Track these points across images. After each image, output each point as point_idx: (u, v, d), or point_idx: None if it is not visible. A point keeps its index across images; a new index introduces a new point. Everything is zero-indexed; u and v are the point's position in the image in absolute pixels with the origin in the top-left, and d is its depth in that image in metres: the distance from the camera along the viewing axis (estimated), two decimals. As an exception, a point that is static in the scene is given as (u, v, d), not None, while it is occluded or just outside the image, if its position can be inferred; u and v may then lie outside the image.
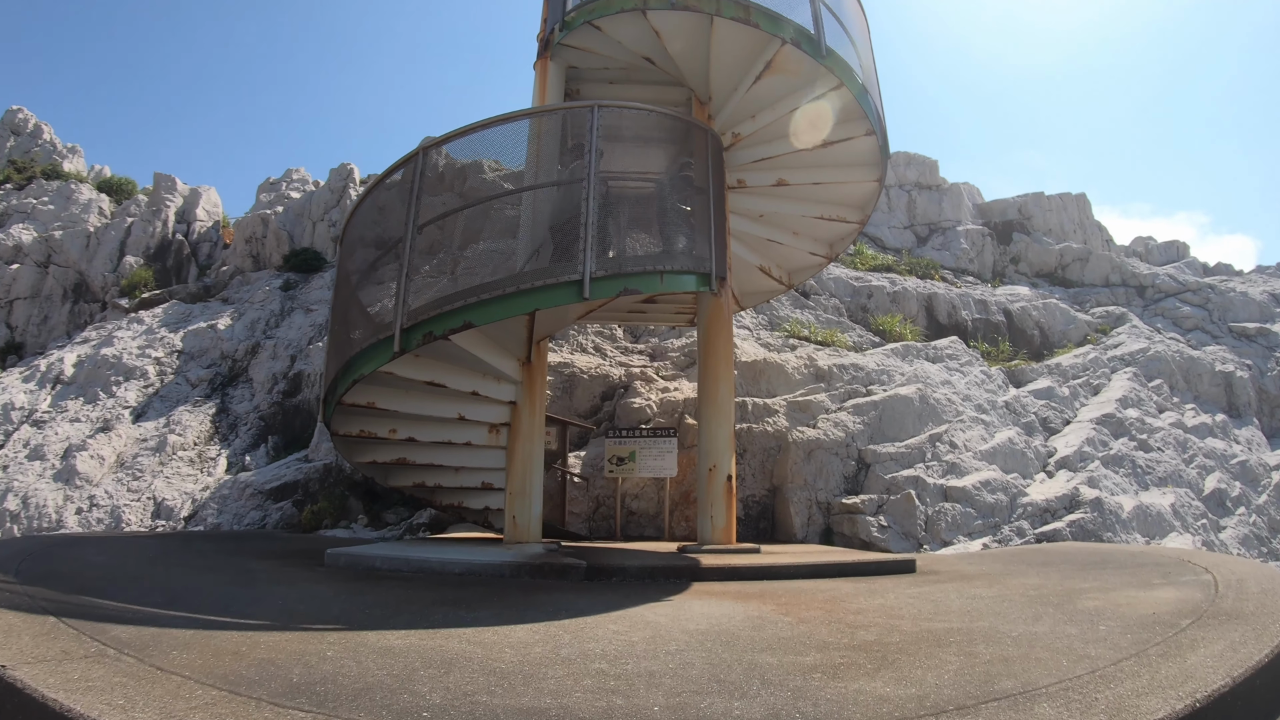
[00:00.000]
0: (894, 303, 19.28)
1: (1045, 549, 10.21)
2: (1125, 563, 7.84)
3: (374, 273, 8.44)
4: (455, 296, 7.36)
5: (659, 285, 7.67)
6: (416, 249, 7.88)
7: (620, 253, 7.92)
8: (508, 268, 7.84)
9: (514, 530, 9.00)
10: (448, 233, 9.53)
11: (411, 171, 8.14)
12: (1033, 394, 16.79)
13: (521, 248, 8.62)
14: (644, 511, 12.04)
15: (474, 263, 8.14)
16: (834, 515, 11.63)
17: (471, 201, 8.00)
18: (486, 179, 16.65)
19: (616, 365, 14.17)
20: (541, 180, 8.43)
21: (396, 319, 7.57)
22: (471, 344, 8.12)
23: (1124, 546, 10.68)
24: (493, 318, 7.24)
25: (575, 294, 7.08)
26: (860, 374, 13.98)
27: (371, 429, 9.13)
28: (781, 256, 11.49)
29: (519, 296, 7.13)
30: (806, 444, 11.93)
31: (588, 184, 7.43)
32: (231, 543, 10.41)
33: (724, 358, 9.26)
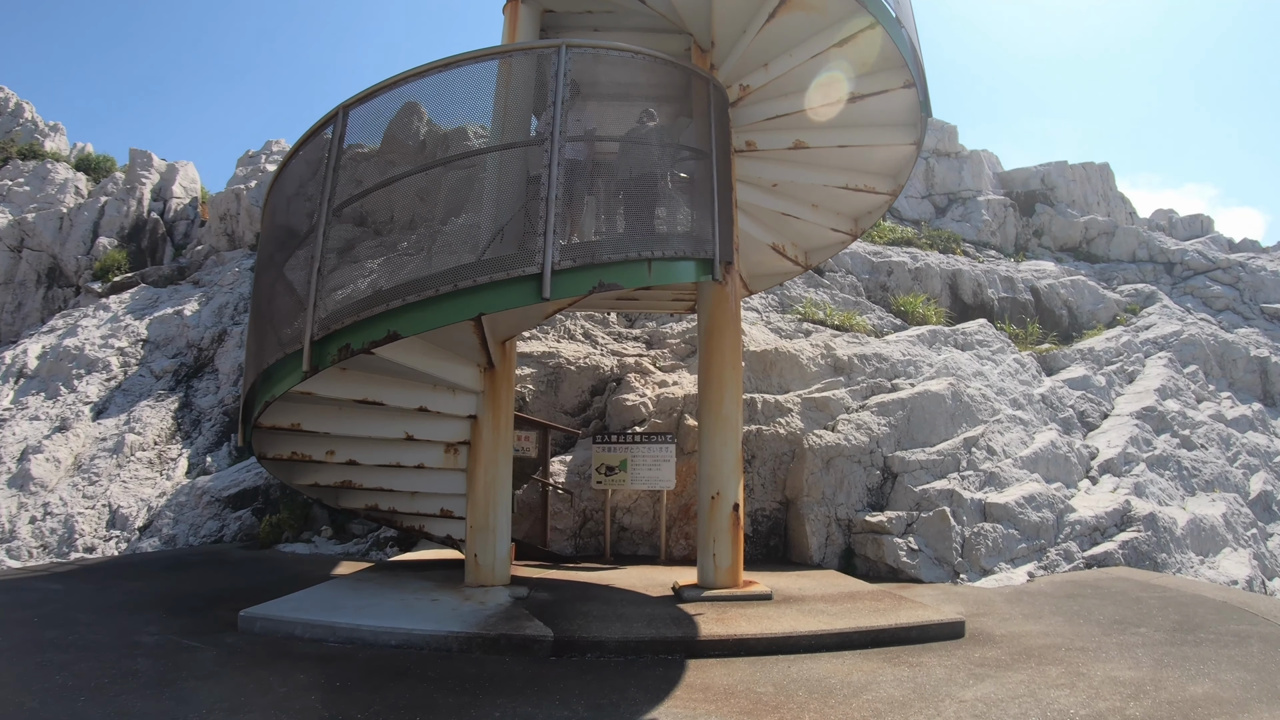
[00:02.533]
0: (916, 280, 17.27)
1: (1106, 587, 8.48)
2: (1217, 627, 6.42)
3: (297, 263, 6.56)
4: (376, 299, 5.49)
5: (645, 277, 5.76)
6: (333, 238, 6.01)
7: (596, 236, 5.95)
8: (457, 258, 5.94)
9: (476, 572, 7.21)
10: (405, 212, 7.62)
11: (328, 140, 6.24)
12: (1068, 384, 14.87)
13: (484, 231, 6.70)
14: (638, 528, 10.23)
15: (414, 251, 6.21)
16: (856, 534, 9.78)
17: (394, 175, 5.99)
18: (472, 147, 14.66)
19: (608, 355, 12.29)
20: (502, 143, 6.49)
21: (306, 330, 5.73)
22: (409, 355, 6.27)
23: (1198, 588, 8.98)
24: (424, 326, 5.38)
25: (532, 293, 5.19)
26: (884, 365, 12.06)
27: (305, 451, 7.35)
28: (798, 233, 9.53)
29: (456, 299, 5.25)
30: (825, 450, 10.06)
31: (550, 146, 5.50)
32: (155, 582, 8.66)
33: (730, 359, 7.37)
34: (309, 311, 5.78)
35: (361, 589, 7.39)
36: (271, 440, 7.36)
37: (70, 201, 21.55)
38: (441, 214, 6.67)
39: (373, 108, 6.34)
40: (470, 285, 5.21)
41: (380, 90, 6.14)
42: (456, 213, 6.70)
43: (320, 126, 6.43)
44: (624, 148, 6.40)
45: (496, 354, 7.17)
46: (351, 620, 6.10)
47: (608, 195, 6.09)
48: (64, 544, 12.77)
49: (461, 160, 5.92)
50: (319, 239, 5.95)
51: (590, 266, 5.39)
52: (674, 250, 6.02)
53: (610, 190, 6.09)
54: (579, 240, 5.49)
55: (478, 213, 6.63)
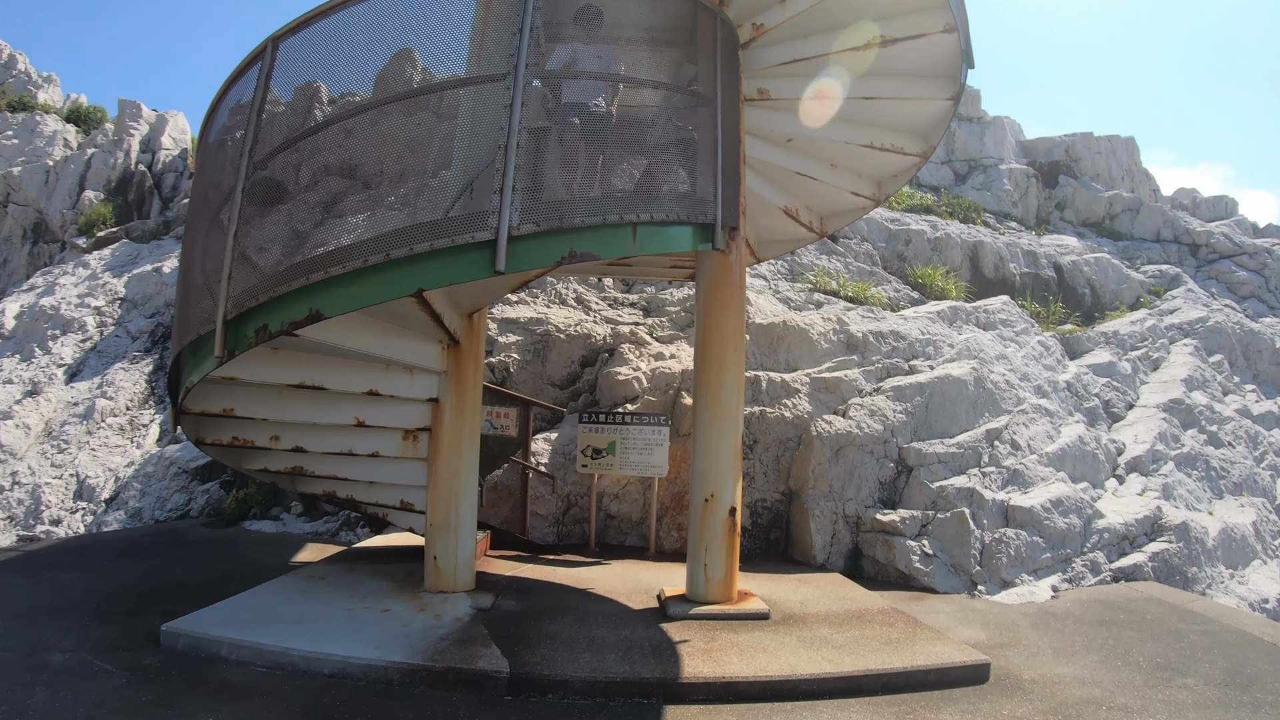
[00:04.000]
0: (935, 251, 16.04)
1: (1140, 612, 7.47)
2: (1275, 683, 5.45)
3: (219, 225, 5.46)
4: (294, 271, 4.42)
5: (629, 246, 4.65)
6: (253, 198, 4.92)
7: (568, 194, 4.78)
8: (410, 220, 4.82)
9: (435, 576, 6.23)
10: (366, 167, 6.50)
11: (255, 82, 5.12)
12: (1092, 370, 13.69)
13: (451, 186, 5.57)
14: (626, 516, 9.23)
15: (359, 212, 5.10)
16: (864, 533, 8.75)
17: (324, 122, 4.87)
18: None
19: (602, 322, 11.20)
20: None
21: (219, 306, 4.67)
22: (350, 333, 5.20)
23: (1241, 621, 8.12)
24: (352, 304, 4.31)
25: (483, 264, 4.09)
26: (901, 344, 10.92)
27: (246, 437, 6.34)
28: (814, 196, 8.35)
29: (389, 271, 4.17)
30: (835, 438, 8.99)
31: (512, 83, 4.36)
32: (95, 574, 7.73)
33: (732, 339, 6.27)
34: (222, 285, 4.72)
35: (309, 592, 6.43)
36: (210, 425, 6.36)
37: (59, 154, 20.45)
38: (396, 170, 5.57)
39: (310, 40, 5.20)
40: (405, 254, 4.12)
41: (316, 17, 5.00)
42: (422, 170, 5.58)
43: (248, 64, 5.32)
44: (607, 88, 5.24)
45: (461, 328, 6.11)
46: (282, 642, 5.14)
47: (584, 145, 4.93)
48: (30, 515, 11.93)
49: (405, 102, 4.75)
50: (236, 197, 4.87)
51: (558, 231, 4.28)
52: (666, 213, 4.89)
53: (588, 139, 4.93)
54: (547, 199, 4.35)
55: (464, 164, 5.51)
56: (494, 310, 10.99)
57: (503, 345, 10.42)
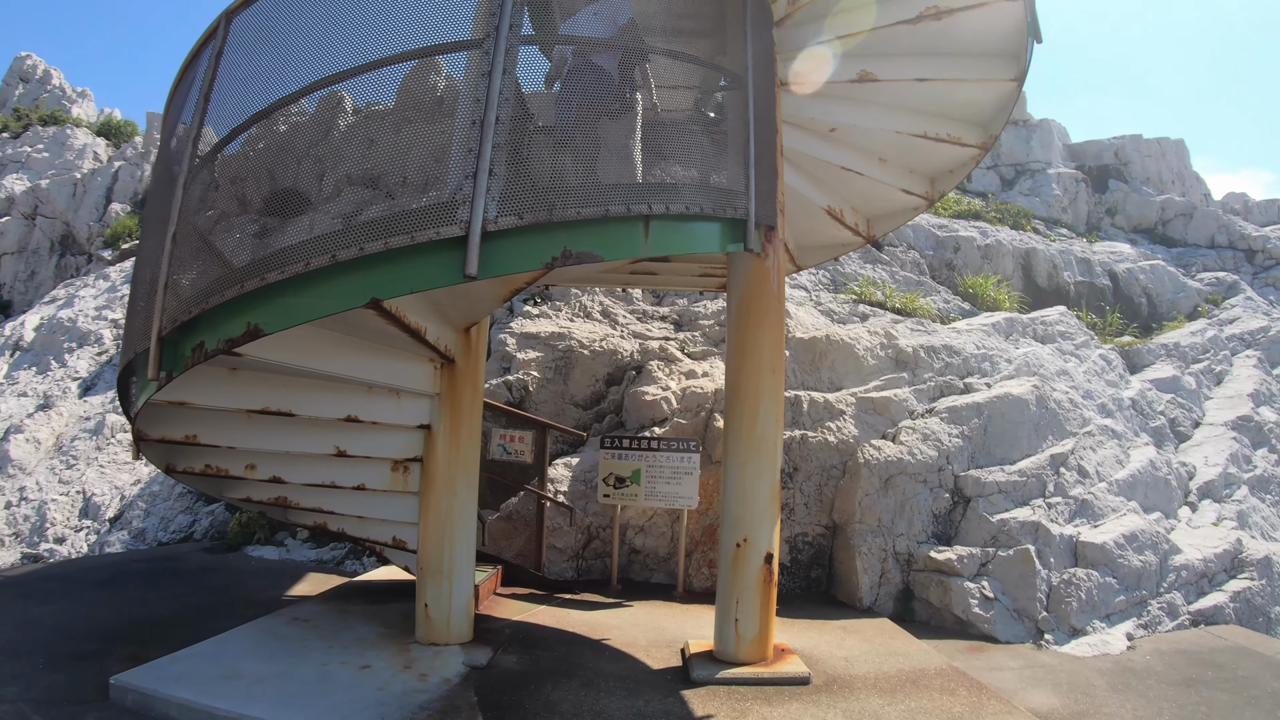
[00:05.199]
0: (985, 259, 14.93)
1: (1228, 667, 6.47)
2: None
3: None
4: (229, 278, 3.65)
5: (639, 245, 3.79)
6: (216, 196, 4.19)
7: (560, 179, 3.88)
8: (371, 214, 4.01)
9: (426, 627, 5.40)
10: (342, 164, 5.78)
11: (205, 62, 4.39)
12: (1155, 385, 12.49)
13: (453, 177, 4.75)
14: (652, 551, 8.32)
15: (328, 208, 4.30)
16: (916, 572, 7.73)
17: (278, 103, 4.06)
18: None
19: (629, 337, 10.33)
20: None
21: (153, 321, 3.92)
22: (313, 352, 4.41)
23: None
24: (294, 317, 3.52)
25: (452, 268, 3.26)
26: (955, 360, 9.88)
27: (220, 465, 5.56)
28: (860, 194, 7.38)
29: (335, 277, 3.38)
30: (884, 466, 8.00)
31: (493, 47, 3.53)
32: (68, 606, 7.06)
33: (769, 359, 5.34)
34: (158, 295, 3.98)
35: (286, 640, 5.64)
36: (181, 451, 5.61)
37: (88, 167, 20.26)
38: (388, 167, 4.79)
39: (266, 12, 4.45)
40: (355, 256, 3.31)
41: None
42: (402, 166, 4.77)
43: (202, 44, 4.58)
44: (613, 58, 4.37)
45: (455, 345, 5.29)
46: (239, 707, 4.38)
47: (583, 122, 4.05)
48: (35, 533, 11.43)
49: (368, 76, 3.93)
50: (176, 192, 4.13)
51: (548, 226, 3.42)
52: (686, 204, 4.00)
53: (586, 115, 4.05)
54: (533, 186, 3.49)
55: (431, 158, 4.71)
56: (511, 324, 10.20)
57: (521, 362, 9.61)
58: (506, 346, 9.78)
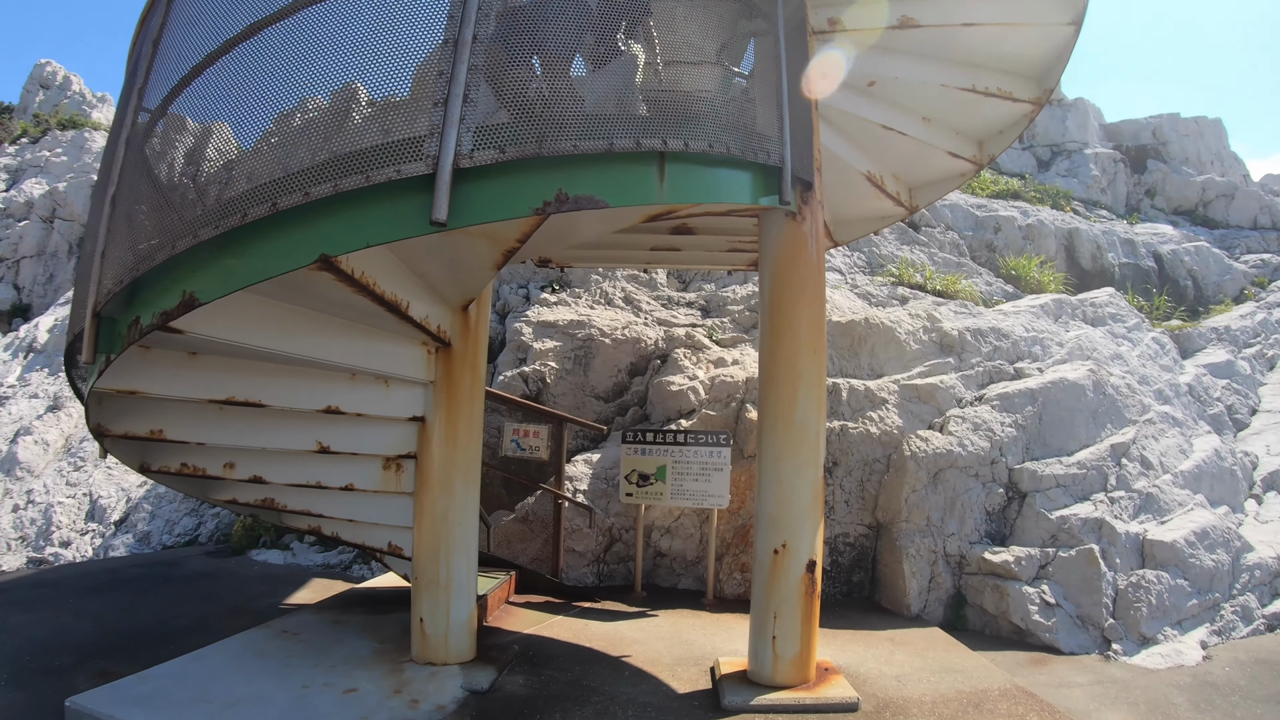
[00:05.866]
0: (1027, 240, 14.03)
1: None
2: None
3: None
4: (162, 241, 3.02)
5: (653, 188, 3.09)
6: (143, 156, 3.56)
7: (553, 106, 3.16)
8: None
9: (422, 644, 4.74)
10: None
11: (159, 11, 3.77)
12: (1210, 370, 11.58)
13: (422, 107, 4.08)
14: (679, 554, 7.60)
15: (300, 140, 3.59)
16: (969, 575, 6.95)
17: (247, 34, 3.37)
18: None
19: (654, 324, 9.62)
20: None
21: (89, 296, 3.31)
22: (277, 330, 3.77)
23: None
24: (232, 282, 2.89)
25: (416, 215, 2.61)
26: (1004, 344, 9.05)
27: (197, 463, 4.95)
28: (902, 158, 6.59)
29: (277, 231, 2.75)
30: (932, 459, 7.22)
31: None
32: (50, 615, 6.54)
33: (808, 339, 4.59)
34: (94, 265, 3.35)
35: (269, 656, 5.03)
36: (155, 449, 5.02)
37: (106, 166, 19.97)
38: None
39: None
40: (299, 203, 2.66)
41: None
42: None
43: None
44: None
45: (452, 326, 4.63)
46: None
47: (586, 42, 3.32)
48: (41, 537, 11.01)
49: None
50: (118, 150, 3.51)
51: (537, 163, 2.74)
52: (710, 142, 3.28)
53: (589, 33, 3.32)
54: (519, 114, 2.79)
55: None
56: (528, 313, 9.54)
57: (538, 352, 8.95)
58: (522, 336, 9.12)
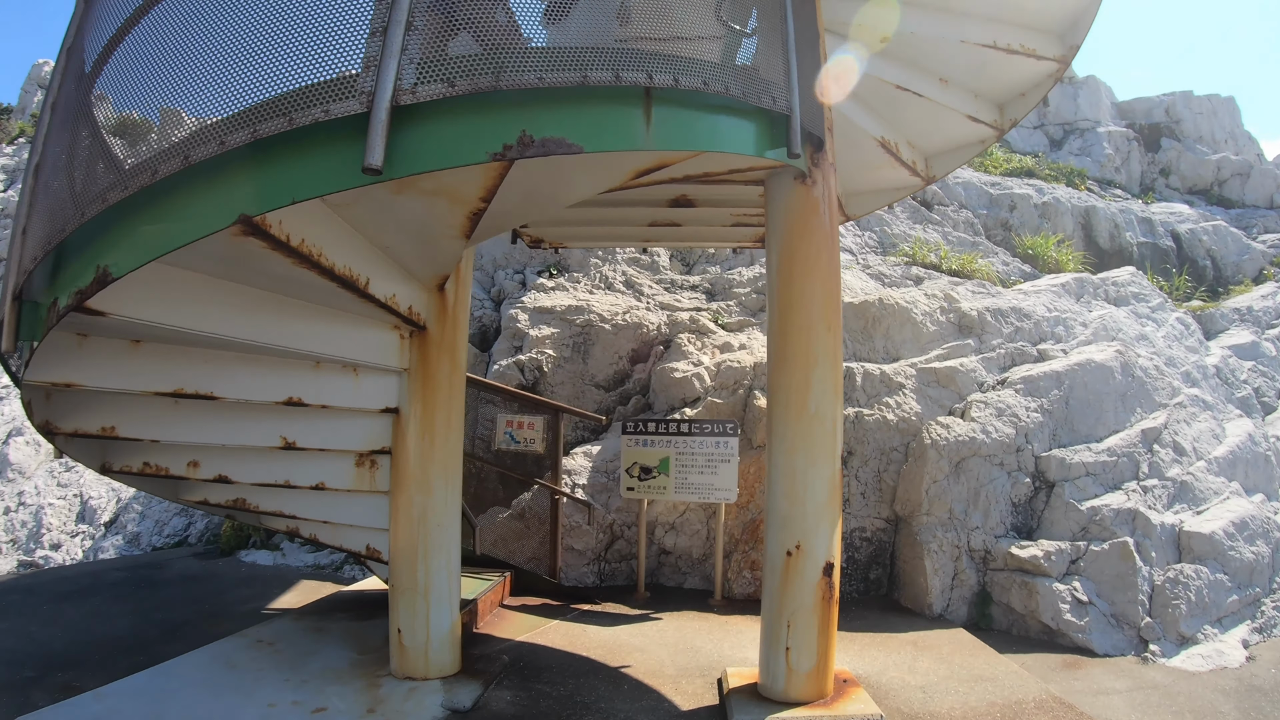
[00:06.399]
0: (1043, 218, 13.46)
1: None
2: None
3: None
4: (74, 210, 2.57)
5: (637, 132, 2.60)
6: (78, 115, 3.09)
7: (516, 36, 2.65)
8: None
9: (400, 657, 4.29)
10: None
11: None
12: (1234, 352, 11.03)
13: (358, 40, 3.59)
14: (685, 552, 7.14)
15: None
16: (994, 571, 6.45)
17: None
18: None
19: (656, 309, 9.13)
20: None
21: (9, 278, 2.89)
22: (220, 312, 3.31)
23: None
24: (146, 252, 2.43)
25: (347, 163, 2.14)
26: (1026, 324, 8.53)
27: (159, 462, 4.50)
28: (918, 123, 6.06)
29: (192, 190, 2.27)
30: (954, 447, 6.72)
31: None
32: (13, 624, 6.12)
33: (822, 317, 4.07)
34: (13, 244, 2.90)
35: (239, 669, 4.61)
36: (116, 448, 4.58)
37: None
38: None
39: None
40: (215, 153, 2.19)
41: None
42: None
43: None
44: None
45: (427, 307, 4.16)
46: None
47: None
48: (32, 539, 10.64)
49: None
50: (43, 120, 3.06)
51: (495, 99, 2.27)
52: (705, 79, 2.78)
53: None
54: (471, 44, 2.31)
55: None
56: (524, 299, 9.07)
57: (534, 340, 8.49)
58: (518, 323, 8.66)
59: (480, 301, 9.43)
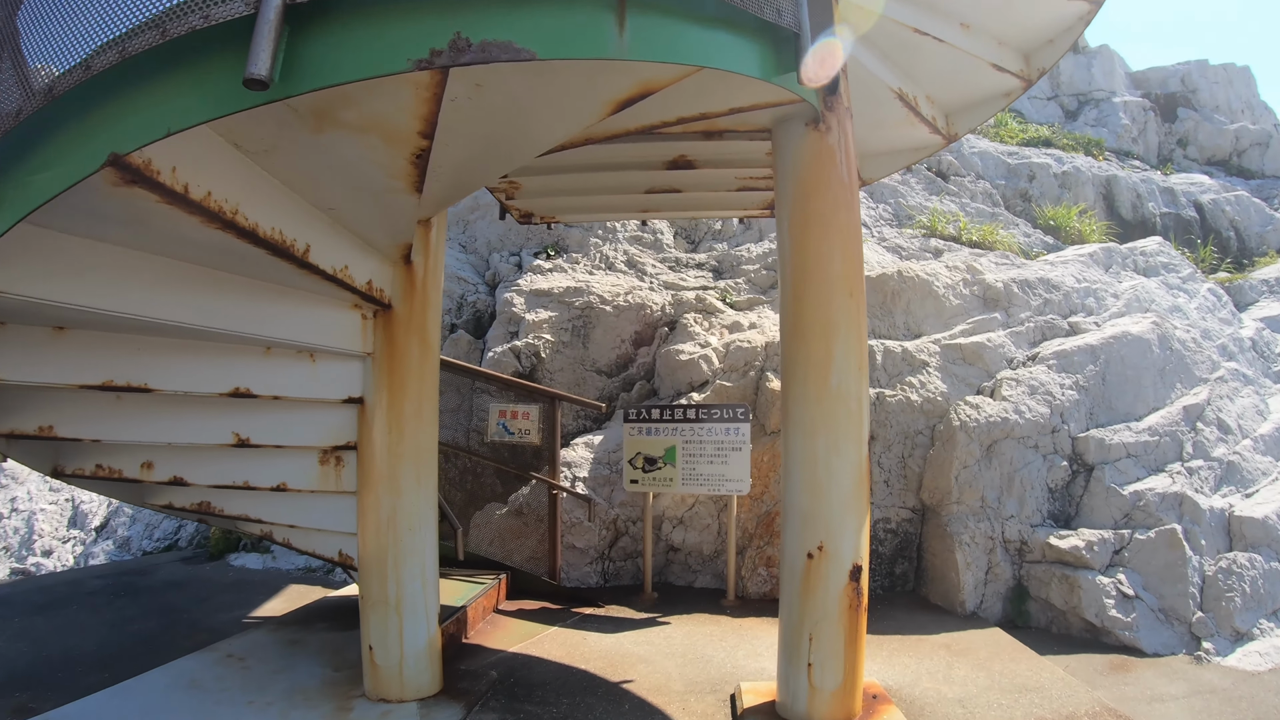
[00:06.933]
0: (1063, 188, 12.81)
1: None
2: None
3: None
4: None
5: (607, 39, 2.05)
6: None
7: None
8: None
9: (373, 678, 3.80)
10: None
11: None
12: (1268, 324, 10.41)
13: None
14: (694, 548, 6.62)
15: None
16: (1031, 564, 5.89)
17: None
18: None
19: (660, 289, 8.58)
20: None
21: None
22: (148, 291, 2.80)
23: None
24: (14, 212, 1.91)
25: (230, 82, 1.61)
26: (1055, 296, 7.92)
27: (111, 464, 4.02)
28: (938, 74, 5.44)
29: (53, 133, 1.77)
30: (985, 429, 6.15)
31: None
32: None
33: (842, 280, 3.49)
34: None
35: (203, 688, 4.13)
36: (67, 451, 4.10)
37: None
38: None
39: None
40: (80, 80, 1.71)
41: None
42: None
43: None
44: None
45: (391, 282, 3.65)
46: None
47: None
48: (24, 546, 10.28)
49: None
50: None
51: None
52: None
53: None
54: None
55: None
56: (519, 281, 8.54)
57: (530, 324, 7.97)
58: (513, 307, 8.14)
59: (474, 286, 8.91)
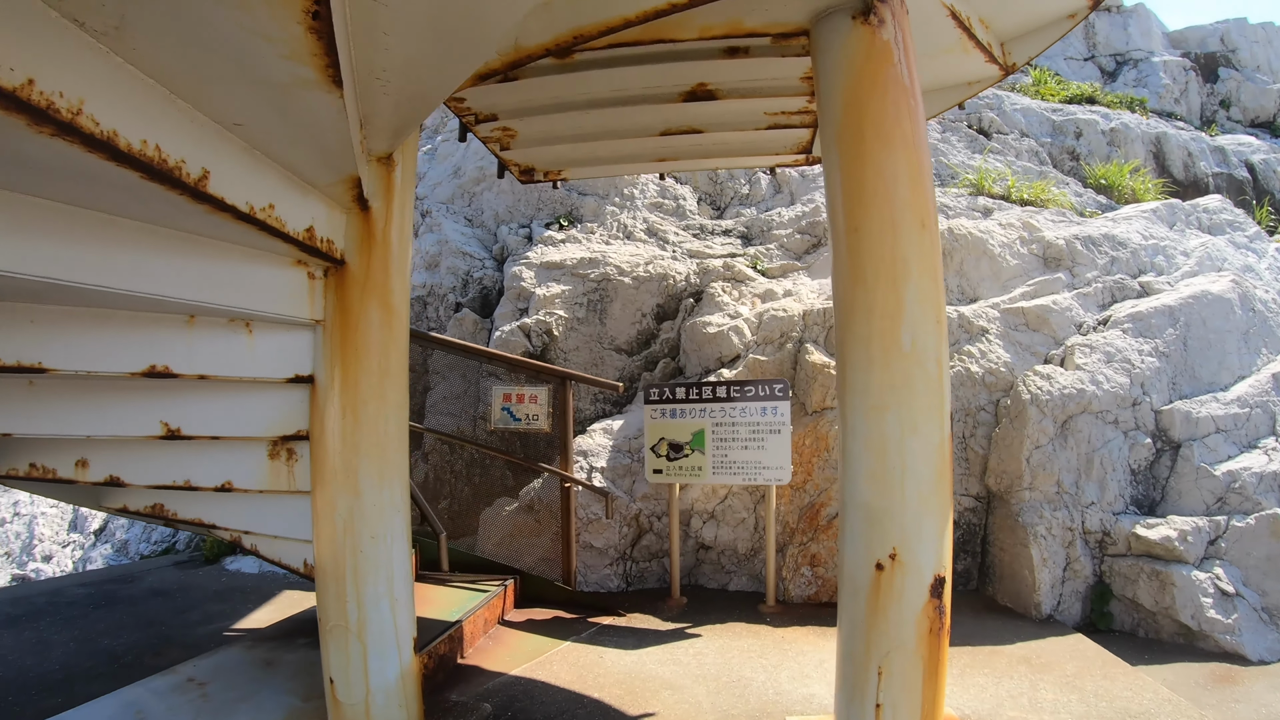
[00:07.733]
0: (1112, 145, 11.82)
1: None
2: None
3: None
4: None
5: None
6: None
7: None
8: None
9: (336, 714, 3.07)
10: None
11: None
12: (1327, 287, 9.41)
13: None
14: (728, 546, 5.83)
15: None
16: (1113, 558, 5.03)
17: None
18: None
19: (684, 258, 7.79)
20: None
21: None
22: (28, 243, 2.06)
23: None
24: None
25: None
26: (1122, 253, 6.99)
27: (45, 462, 3.33)
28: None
29: None
30: (1058, 402, 5.29)
31: None
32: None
33: (912, 205, 2.70)
34: None
35: (172, 712, 3.45)
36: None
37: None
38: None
39: None
40: None
41: None
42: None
43: None
44: None
45: (344, 233, 2.91)
46: None
47: None
48: (24, 551, 9.80)
49: None
50: None
51: None
52: None
53: None
54: None
55: None
56: (529, 254, 7.79)
57: (541, 299, 7.23)
58: (522, 282, 7.40)
59: (480, 261, 8.17)
